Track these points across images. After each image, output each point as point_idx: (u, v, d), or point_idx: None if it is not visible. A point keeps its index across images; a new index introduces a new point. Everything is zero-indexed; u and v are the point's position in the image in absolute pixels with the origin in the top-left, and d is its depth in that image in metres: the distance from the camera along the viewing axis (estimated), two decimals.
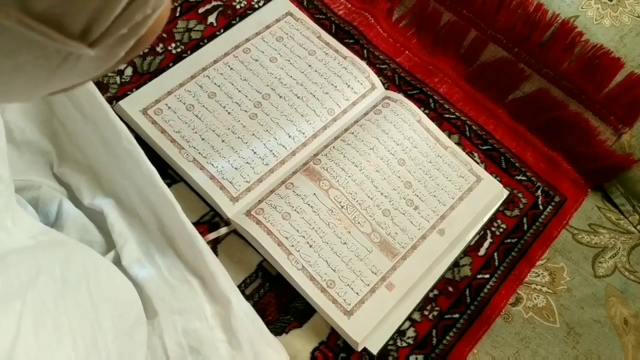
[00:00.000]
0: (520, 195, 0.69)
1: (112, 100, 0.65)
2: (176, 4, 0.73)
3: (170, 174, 0.63)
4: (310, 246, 0.60)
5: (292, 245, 0.59)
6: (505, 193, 0.68)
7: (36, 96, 0.26)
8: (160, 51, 0.70)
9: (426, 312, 0.61)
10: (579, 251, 0.67)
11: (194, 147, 0.63)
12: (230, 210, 0.61)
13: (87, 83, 0.27)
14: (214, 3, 0.74)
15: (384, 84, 0.72)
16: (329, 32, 0.75)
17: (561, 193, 0.70)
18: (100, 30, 0.20)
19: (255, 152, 0.64)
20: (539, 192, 0.69)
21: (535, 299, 0.63)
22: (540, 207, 0.68)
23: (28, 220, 0.43)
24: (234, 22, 0.73)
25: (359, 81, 0.71)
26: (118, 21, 0.20)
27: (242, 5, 0.75)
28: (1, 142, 0.41)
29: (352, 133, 0.67)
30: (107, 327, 0.41)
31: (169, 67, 0.68)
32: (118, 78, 0.67)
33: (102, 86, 0.66)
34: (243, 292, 0.56)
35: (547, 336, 0.62)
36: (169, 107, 0.65)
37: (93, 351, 0.39)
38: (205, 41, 0.71)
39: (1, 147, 0.41)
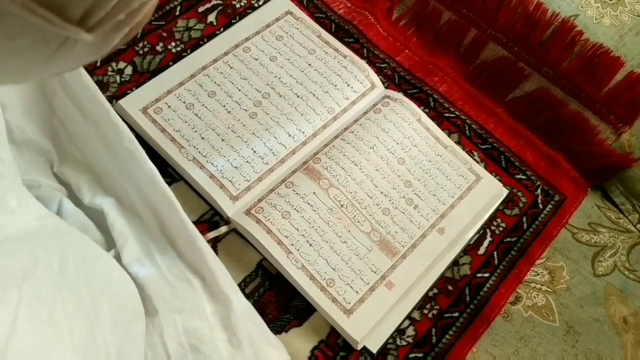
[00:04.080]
0: (520, 194, 0.69)
1: (112, 99, 0.65)
2: (176, 3, 0.73)
3: (170, 172, 0.63)
4: (310, 245, 0.60)
5: (292, 244, 0.59)
6: (504, 192, 0.68)
7: (29, 80, 0.27)
8: (160, 50, 0.70)
9: (426, 311, 0.61)
10: (578, 250, 0.67)
11: (194, 146, 0.63)
12: (230, 209, 0.61)
13: (80, 70, 0.28)
14: (213, 2, 0.74)
15: (383, 83, 0.72)
16: (329, 31, 0.75)
17: (561, 192, 0.70)
18: (100, 16, 0.21)
19: (255, 151, 0.64)
20: (539, 191, 0.69)
21: (534, 297, 0.64)
22: (540, 206, 0.68)
23: (34, 202, 0.43)
24: (233, 21, 0.74)
25: (359, 80, 0.71)
26: (117, 7, 0.21)
27: (242, 4, 0.75)
28: (0, 124, 0.41)
29: (352, 132, 0.67)
30: (105, 319, 0.41)
31: (168, 66, 0.68)
32: (118, 77, 0.67)
33: (102, 85, 0.66)
34: (243, 291, 0.56)
35: (547, 335, 0.62)
36: (169, 106, 0.65)
37: (90, 342, 0.39)
38: (205, 40, 0.71)
39: (0, 128, 0.42)
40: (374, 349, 0.58)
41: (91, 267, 0.44)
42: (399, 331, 0.59)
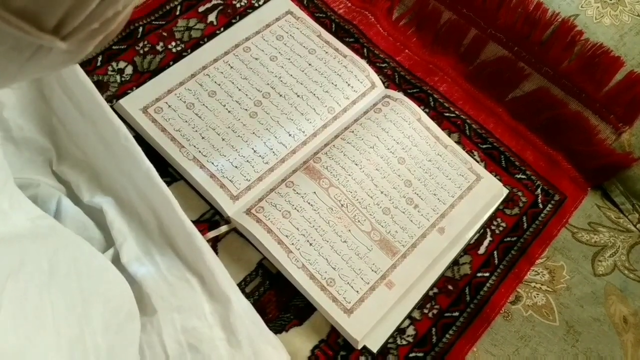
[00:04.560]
0: (520, 193, 0.69)
1: (113, 98, 0.65)
2: (176, 3, 0.73)
3: (170, 172, 0.63)
4: (310, 244, 0.60)
5: (292, 244, 0.59)
6: (505, 191, 0.68)
7: (4, 87, 0.27)
8: (161, 50, 0.70)
9: (426, 311, 0.61)
10: (578, 250, 0.67)
11: (194, 146, 0.63)
12: (230, 208, 0.61)
13: (76, 67, 0.28)
14: (214, 2, 0.74)
15: (384, 83, 0.72)
16: (329, 30, 0.75)
17: (561, 192, 0.70)
18: (74, 25, 0.21)
19: (255, 151, 0.64)
20: (539, 190, 0.69)
21: (534, 297, 0.63)
22: (540, 206, 0.68)
23: (27, 203, 0.43)
24: (234, 20, 0.74)
25: (359, 80, 0.71)
26: (91, 16, 0.21)
27: (242, 3, 0.75)
28: None
29: (352, 132, 0.67)
30: (97, 321, 0.41)
31: (169, 66, 0.68)
32: (118, 77, 0.67)
33: (102, 85, 0.66)
34: (243, 290, 0.56)
35: (547, 334, 0.62)
36: (169, 106, 0.65)
37: (78, 344, 0.39)
38: (206, 40, 0.71)
39: None
40: (374, 348, 0.58)
41: (84, 268, 0.43)
42: (399, 330, 0.59)
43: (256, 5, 0.75)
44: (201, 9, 0.73)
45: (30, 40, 0.21)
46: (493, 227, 0.66)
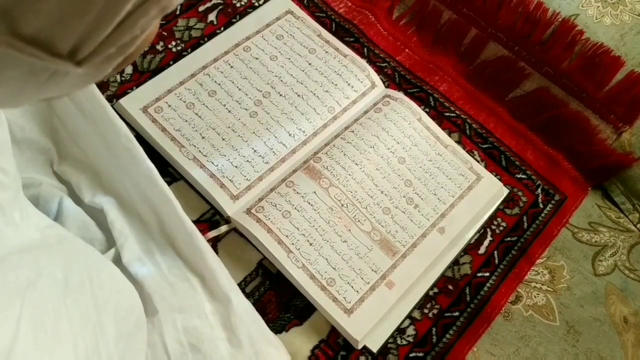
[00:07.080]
0: (520, 193, 0.69)
1: (113, 98, 0.65)
2: None
3: (170, 172, 0.63)
4: (311, 244, 0.60)
5: (292, 244, 0.59)
6: (505, 191, 0.68)
7: (23, 105, 0.27)
8: (161, 49, 0.70)
9: (426, 310, 0.61)
10: (578, 249, 0.67)
11: (194, 146, 0.63)
12: (230, 208, 0.61)
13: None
14: (214, 1, 0.74)
15: (384, 83, 0.72)
16: (329, 30, 0.75)
17: (561, 191, 0.70)
18: (89, 50, 0.21)
19: (255, 151, 0.64)
20: (539, 190, 0.69)
21: (535, 297, 0.64)
22: (541, 206, 0.68)
23: (36, 213, 0.43)
24: (234, 20, 0.74)
25: (360, 79, 0.71)
26: (106, 42, 0.21)
27: (243, 3, 0.75)
28: (4, 135, 0.41)
29: (353, 131, 0.67)
30: (110, 330, 0.41)
31: (169, 66, 0.68)
32: (118, 76, 0.67)
33: (102, 84, 0.66)
34: (243, 290, 0.56)
35: (547, 334, 0.62)
36: (169, 106, 0.65)
37: (94, 354, 0.38)
38: (206, 39, 0.71)
39: (5, 140, 0.41)
40: (375, 348, 0.58)
41: (96, 277, 0.43)
42: (400, 330, 0.59)
43: (256, 4, 0.75)
44: (201, 8, 0.73)
45: (44, 66, 0.20)
46: (493, 227, 0.66)
